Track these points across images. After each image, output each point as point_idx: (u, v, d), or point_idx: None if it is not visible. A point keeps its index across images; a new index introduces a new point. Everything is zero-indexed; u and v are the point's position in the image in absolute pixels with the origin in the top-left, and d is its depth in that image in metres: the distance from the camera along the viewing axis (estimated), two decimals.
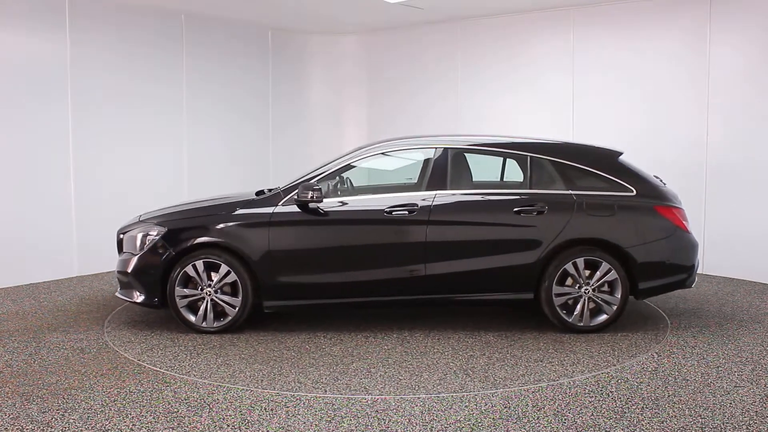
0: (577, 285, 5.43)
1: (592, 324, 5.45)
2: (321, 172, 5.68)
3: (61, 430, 3.71)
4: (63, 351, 5.09)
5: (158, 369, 4.69)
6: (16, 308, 6.37)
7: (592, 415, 3.91)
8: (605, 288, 5.45)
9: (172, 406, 4.04)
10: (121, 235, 5.81)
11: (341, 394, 4.23)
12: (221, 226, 5.47)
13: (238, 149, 9.52)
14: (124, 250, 5.74)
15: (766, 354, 4.98)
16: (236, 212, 5.54)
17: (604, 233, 5.41)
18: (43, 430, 3.71)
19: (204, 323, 5.48)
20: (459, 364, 4.80)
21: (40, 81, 7.41)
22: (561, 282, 5.43)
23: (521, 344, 5.24)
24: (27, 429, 3.72)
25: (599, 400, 4.12)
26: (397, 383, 4.43)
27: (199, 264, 5.43)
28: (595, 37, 8.24)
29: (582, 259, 5.40)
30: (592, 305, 5.45)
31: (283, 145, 10.03)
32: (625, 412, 3.94)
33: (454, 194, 5.54)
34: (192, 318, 5.49)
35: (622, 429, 3.72)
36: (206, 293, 5.46)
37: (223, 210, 5.60)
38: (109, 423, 3.79)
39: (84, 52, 7.73)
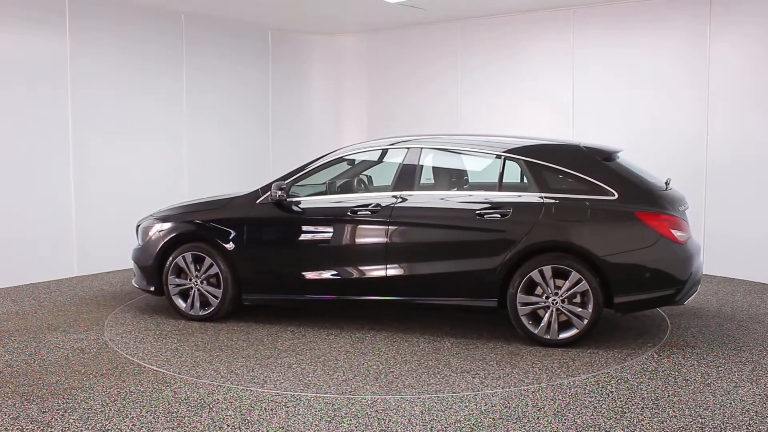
0: (545, 295, 5.06)
1: (559, 337, 5.03)
2: (300, 172, 5.85)
3: (61, 430, 3.71)
4: (63, 351, 5.09)
5: (158, 369, 4.69)
6: (16, 308, 6.37)
7: (592, 415, 3.91)
8: (577, 299, 5.01)
9: (172, 406, 4.04)
10: (137, 228, 6.31)
11: (243, 386, 4.30)
12: (206, 221, 5.88)
13: (238, 148, 9.52)
14: (138, 242, 6.24)
15: (766, 354, 4.98)
16: (220, 209, 5.92)
17: (572, 239, 4.99)
18: (43, 430, 3.71)
19: (191, 311, 5.88)
20: (381, 368, 4.70)
21: (40, 81, 7.41)
22: (530, 291, 5.08)
23: (469, 353, 4.99)
24: (27, 429, 3.72)
25: (599, 400, 4.12)
26: (300, 380, 4.46)
27: (188, 256, 5.84)
28: (594, 37, 8.24)
29: (549, 267, 5.00)
30: (563, 317, 5.05)
31: (283, 143, 10.02)
32: (625, 412, 3.94)
33: (417, 195, 5.48)
34: (182, 305, 5.90)
35: (622, 429, 3.72)
36: (193, 283, 5.85)
37: (210, 206, 6.02)
38: (109, 423, 3.80)
39: (84, 52, 7.73)
